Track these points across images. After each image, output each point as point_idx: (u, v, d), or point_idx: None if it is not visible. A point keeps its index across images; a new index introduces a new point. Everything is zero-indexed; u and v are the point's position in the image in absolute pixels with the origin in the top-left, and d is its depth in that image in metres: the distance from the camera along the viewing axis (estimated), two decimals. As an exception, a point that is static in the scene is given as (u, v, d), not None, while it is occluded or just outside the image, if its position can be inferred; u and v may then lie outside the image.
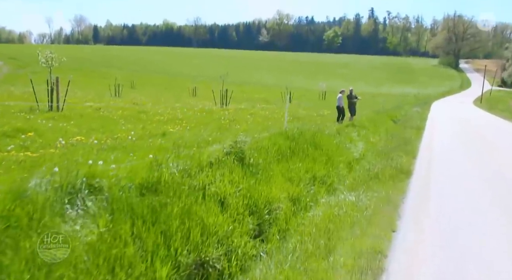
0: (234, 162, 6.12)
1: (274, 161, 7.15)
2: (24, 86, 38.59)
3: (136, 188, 4.25)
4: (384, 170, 7.80)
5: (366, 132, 14.64)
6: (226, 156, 6.20)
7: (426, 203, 5.91)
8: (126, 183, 4.22)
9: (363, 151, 11.52)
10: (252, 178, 5.92)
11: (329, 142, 10.15)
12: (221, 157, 6.06)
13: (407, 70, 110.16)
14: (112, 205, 3.77)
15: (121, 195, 3.95)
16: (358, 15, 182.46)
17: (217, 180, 5.29)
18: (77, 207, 3.64)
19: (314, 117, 21.50)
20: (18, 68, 71.11)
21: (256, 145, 7.34)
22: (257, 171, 6.27)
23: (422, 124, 18.33)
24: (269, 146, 7.61)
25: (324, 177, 7.76)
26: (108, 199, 3.80)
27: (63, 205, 3.54)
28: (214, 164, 5.80)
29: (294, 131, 9.50)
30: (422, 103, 38.28)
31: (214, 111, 21.58)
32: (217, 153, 6.14)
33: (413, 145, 11.74)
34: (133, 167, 4.66)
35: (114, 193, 3.88)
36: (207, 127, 13.18)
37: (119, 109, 18.95)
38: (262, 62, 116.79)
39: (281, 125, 15.85)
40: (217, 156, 6.04)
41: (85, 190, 3.82)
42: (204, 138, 9.14)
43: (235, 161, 6.16)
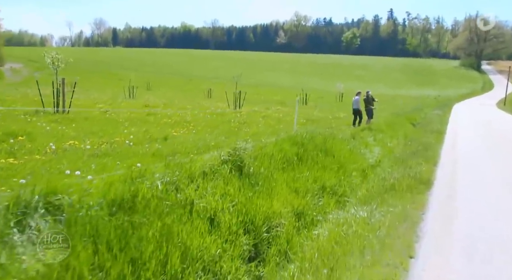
0: (231, 172, 5.48)
1: (278, 170, 6.49)
2: (41, 88, 38.71)
3: (107, 205, 3.64)
4: (401, 180, 7.05)
5: (383, 136, 13.84)
6: (222, 165, 5.57)
7: (450, 222, 5.15)
8: (95, 199, 3.62)
9: (379, 157, 10.75)
10: (251, 190, 5.27)
11: (342, 147, 9.43)
12: (216, 166, 5.43)
13: (427, 71, 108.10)
14: (71, 228, 3.16)
15: (85, 215, 3.33)
16: (376, 16, 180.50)
17: (208, 193, 4.66)
18: (29, 231, 3.05)
19: (329, 119, 20.75)
20: (37, 70, 71.96)
21: (259, 152, 6.69)
22: (257, 181, 5.62)
23: (443, 128, 17.37)
24: (274, 153, 6.96)
25: (334, 187, 7.07)
26: (65, 220, 3.19)
27: (9, 228, 2.94)
28: (208, 175, 5.17)
29: (304, 135, 8.81)
30: (442, 105, 37.03)
31: (225, 113, 21.00)
32: (212, 162, 5.51)
33: (434, 150, 10.90)
34: (109, 180, 4.05)
35: (74, 213, 3.27)
36: (215, 131, 12.60)
37: (128, 111, 18.54)
38: (279, 63, 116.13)
39: (293, 128, 15.19)
40: (212, 165, 5.41)
41: (41, 209, 3.23)
42: (206, 143, 8.54)
43: (233, 171, 5.52)
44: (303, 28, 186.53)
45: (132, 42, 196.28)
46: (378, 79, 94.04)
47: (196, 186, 4.70)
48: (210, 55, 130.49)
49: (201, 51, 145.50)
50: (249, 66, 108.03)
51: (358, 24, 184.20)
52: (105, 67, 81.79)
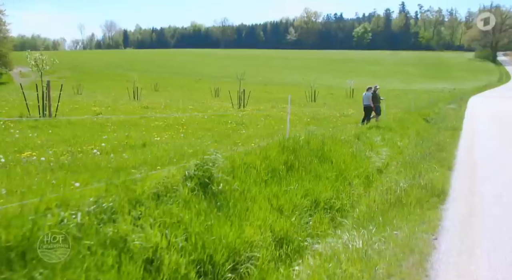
0: (193, 191, 4.42)
1: (259, 184, 5.40)
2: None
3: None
4: (409, 191, 5.90)
5: (393, 135, 12.63)
6: (185, 182, 4.51)
7: (470, 252, 4.03)
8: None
9: (386, 159, 9.59)
10: (215, 215, 4.20)
11: (343, 151, 8.29)
12: (175, 184, 4.37)
13: (441, 65, 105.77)
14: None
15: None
16: (388, 10, 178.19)
17: (153, 224, 3.60)
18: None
19: (337, 117, 19.58)
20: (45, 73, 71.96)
21: (237, 162, 5.62)
22: (227, 202, 4.55)
23: (459, 124, 16.03)
24: (257, 163, 5.88)
25: (330, 200, 5.96)
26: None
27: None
28: (161, 197, 4.12)
29: (299, 139, 7.71)
30: (458, 99, 35.44)
31: (226, 114, 19.95)
32: (171, 179, 4.45)
33: (449, 151, 9.67)
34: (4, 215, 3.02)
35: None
36: (207, 134, 11.58)
37: (122, 113, 17.62)
38: (289, 61, 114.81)
39: (294, 128, 14.07)
40: (170, 183, 4.35)
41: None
42: (184, 150, 7.49)
43: (197, 189, 4.46)
44: (314, 24, 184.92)
45: (142, 43, 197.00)
46: (391, 73, 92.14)
47: (139, 215, 3.64)
48: (220, 54, 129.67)
49: (210, 50, 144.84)
50: (259, 64, 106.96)
51: (370, 18, 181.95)
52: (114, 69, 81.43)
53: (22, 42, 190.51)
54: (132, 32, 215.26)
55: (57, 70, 76.96)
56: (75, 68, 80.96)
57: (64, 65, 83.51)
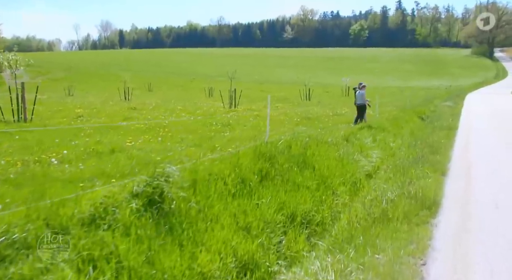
0: (140, 212, 3.76)
1: (224, 198, 4.75)
2: (38, 94, 37.43)
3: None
4: (397, 202, 5.24)
5: (385, 135, 11.99)
6: (132, 201, 3.86)
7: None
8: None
9: (377, 163, 8.95)
10: (163, 240, 3.55)
11: (328, 155, 7.64)
12: (116, 203, 3.71)
13: (437, 61, 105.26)
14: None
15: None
16: (385, 7, 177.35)
17: (72, 260, 2.94)
18: None
19: (329, 117, 18.92)
20: (38, 75, 71.14)
21: (201, 173, 4.97)
22: (181, 223, 3.89)
23: (454, 123, 15.37)
24: (225, 173, 5.23)
25: (309, 214, 5.32)
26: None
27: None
28: (98, 220, 3.47)
29: (278, 143, 7.06)
30: (454, 96, 34.80)
31: (215, 114, 19.29)
32: (112, 198, 3.80)
33: (443, 153, 9.01)
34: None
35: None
36: (188, 137, 10.91)
37: (106, 116, 16.94)
38: (286, 59, 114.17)
39: (282, 129, 13.43)
40: (111, 203, 3.70)
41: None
42: (152, 158, 6.82)
43: (144, 210, 3.81)
44: (310, 22, 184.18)
45: (138, 43, 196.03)
46: (388, 71, 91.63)
47: (57, 246, 2.98)
48: (216, 53, 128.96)
49: (206, 49, 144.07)
50: (255, 62, 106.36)
51: (366, 16, 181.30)
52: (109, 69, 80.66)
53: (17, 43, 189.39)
54: (128, 32, 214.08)
55: (51, 71, 76.49)
56: (69, 68, 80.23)
57: (58, 65, 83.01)
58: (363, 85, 16.33)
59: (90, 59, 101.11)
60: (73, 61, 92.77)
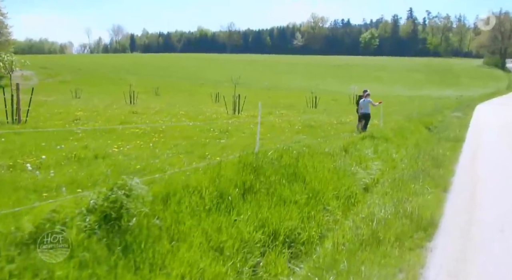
0: (93, 229, 3.35)
1: (199, 214, 4.32)
2: (45, 95, 37.42)
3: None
4: (391, 222, 4.76)
5: (388, 146, 11.50)
6: (85, 217, 3.45)
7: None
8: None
9: (376, 176, 8.47)
10: (115, 263, 3.13)
11: (323, 166, 7.18)
12: (65, 220, 3.30)
13: (448, 71, 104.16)
14: None
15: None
16: (396, 16, 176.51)
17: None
18: None
19: (333, 125, 18.45)
20: (48, 77, 71.53)
21: (176, 186, 4.55)
22: (140, 242, 3.47)
23: (462, 134, 14.80)
24: (203, 185, 4.80)
25: (294, 232, 4.87)
26: None
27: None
28: (40, 239, 3.06)
29: (268, 153, 6.63)
30: (464, 106, 34.11)
31: (217, 119, 18.92)
32: (66, 212, 3.39)
33: (447, 167, 8.50)
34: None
35: None
36: (181, 143, 10.52)
37: (105, 119, 16.62)
38: (295, 66, 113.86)
39: (283, 137, 13.00)
40: (61, 220, 3.29)
41: None
42: (131, 165, 6.42)
43: (97, 227, 3.39)
44: (320, 29, 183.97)
45: (149, 47, 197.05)
46: (397, 80, 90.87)
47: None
48: (225, 58, 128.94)
49: (216, 55, 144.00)
50: (264, 69, 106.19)
51: (377, 24, 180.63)
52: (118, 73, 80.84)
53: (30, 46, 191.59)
54: (139, 36, 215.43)
55: (60, 73, 76.82)
56: (78, 71, 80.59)
57: (68, 68, 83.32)
58: (367, 93, 15.87)
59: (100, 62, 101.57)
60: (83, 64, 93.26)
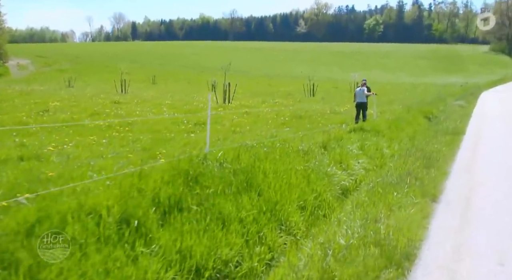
0: None
1: (84, 249, 3.16)
2: (38, 85, 36.29)
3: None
4: (354, 252, 3.60)
5: (378, 140, 10.25)
6: None
7: None
8: None
9: (359, 177, 7.28)
10: None
11: (289, 169, 6.00)
12: None
13: (454, 58, 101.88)
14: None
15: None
16: (401, 2, 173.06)
17: None
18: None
19: (325, 115, 17.21)
20: (44, 65, 70.40)
21: (62, 207, 3.39)
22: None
23: (462, 125, 13.45)
24: (104, 204, 3.64)
25: (228, 264, 3.72)
26: None
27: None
28: None
29: (218, 155, 5.45)
30: (468, 94, 32.58)
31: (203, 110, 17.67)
32: None
33: (441, 167, 7.22)
34: None
35: None
36: (145, 137, 9.37)
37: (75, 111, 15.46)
38: (298, 53, 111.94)
39: (263, 131, 11.80)
40: None
41: None
42: (44, 174, 5.26)
43: None
44: (324, 16, 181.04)
45: (151, 35, 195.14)
46: (401, 67, 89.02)
47: None
48: (227, 46, 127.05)
49: (218, 42, 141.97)
50: (267, 56, 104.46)
51: (382, 10, 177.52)
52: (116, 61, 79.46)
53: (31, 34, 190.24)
54: (141, 24, 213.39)
55: (57, 61, 75.52)
56: (76, 59, 79.37)
57: (65, 57, 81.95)
58: (364, 82, 15.27)
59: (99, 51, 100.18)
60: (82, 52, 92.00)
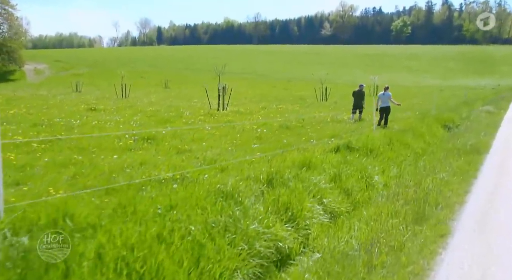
0: None
1: None
2: (46, 90, 34.96)
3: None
4: None
5: (369, 163, 7.56)
6: None
7: None
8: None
9: (314, 234, 4.70)
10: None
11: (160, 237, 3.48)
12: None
13: (486, 59, 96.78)
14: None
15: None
16: (430, 2, 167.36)
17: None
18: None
19: (323, 124, 14.53)
20: (62, 70, 69.92)
21: None
22: None
23: (486, 140, 10.46)
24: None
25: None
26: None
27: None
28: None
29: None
30: (499, 98, 29.10)
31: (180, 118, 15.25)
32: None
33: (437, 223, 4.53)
34: None
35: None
36: (57, 158, 7.01)
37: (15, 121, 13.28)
38: (321, 56, 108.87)
39: (229, 145, 9.25)
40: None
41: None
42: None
43: None
44: (350, 18, 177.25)
45: (176, 40, 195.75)
46: (429, 69, 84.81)
47: None
48: (250, 50, 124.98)
49: (241, 46, 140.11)
50: (289, 59, 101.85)
51: (410, 12, 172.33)
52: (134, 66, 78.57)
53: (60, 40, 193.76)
54: (166, 29, 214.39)
55: (75, 66, 75.05)
56: (94, 64, 78.80)
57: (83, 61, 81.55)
58: (387, 86, 15.07)
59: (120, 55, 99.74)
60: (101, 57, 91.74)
